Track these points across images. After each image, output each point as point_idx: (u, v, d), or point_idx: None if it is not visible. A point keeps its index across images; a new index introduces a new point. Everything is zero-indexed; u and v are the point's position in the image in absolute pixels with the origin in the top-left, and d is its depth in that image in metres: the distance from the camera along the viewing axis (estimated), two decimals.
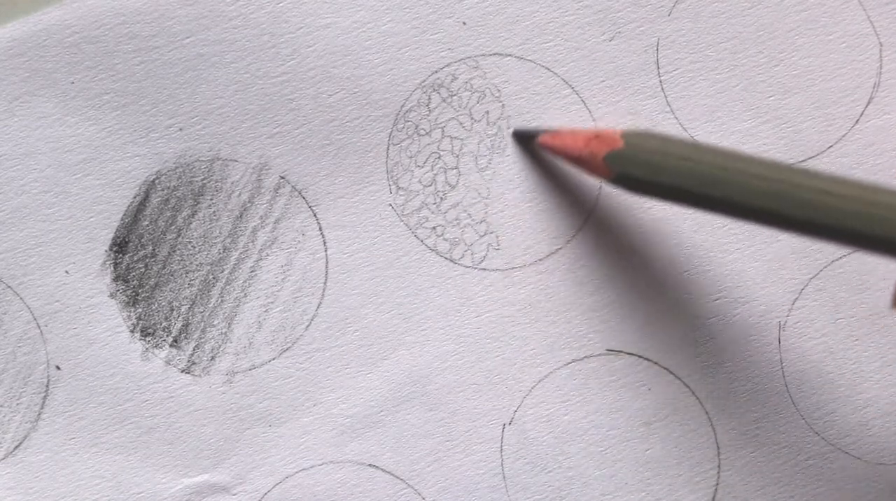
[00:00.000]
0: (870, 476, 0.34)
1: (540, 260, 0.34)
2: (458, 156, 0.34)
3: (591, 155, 0.30)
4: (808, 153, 0.34)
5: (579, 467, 0.34)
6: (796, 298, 0.34)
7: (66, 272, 0.33)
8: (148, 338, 0.33)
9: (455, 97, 0.34)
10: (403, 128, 0.34)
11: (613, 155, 0.29)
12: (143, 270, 0.33)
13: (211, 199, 0.33)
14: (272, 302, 0.34)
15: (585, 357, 0.34)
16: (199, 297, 0.33)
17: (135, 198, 0.33)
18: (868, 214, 0.26)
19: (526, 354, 0.34)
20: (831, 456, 0.34)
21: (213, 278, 0.33)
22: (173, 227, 0.33)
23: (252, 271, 0.34)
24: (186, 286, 0.33)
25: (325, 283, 0.34)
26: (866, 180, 0.27)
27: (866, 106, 0.34)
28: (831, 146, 0.34)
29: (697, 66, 0.34)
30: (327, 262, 0.34)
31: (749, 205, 0.27)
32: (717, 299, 0.34)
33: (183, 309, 0.33)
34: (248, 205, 0.34)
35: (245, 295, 0.34)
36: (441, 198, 0.34)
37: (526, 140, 0.33)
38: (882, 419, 0.34)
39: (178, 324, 0.33)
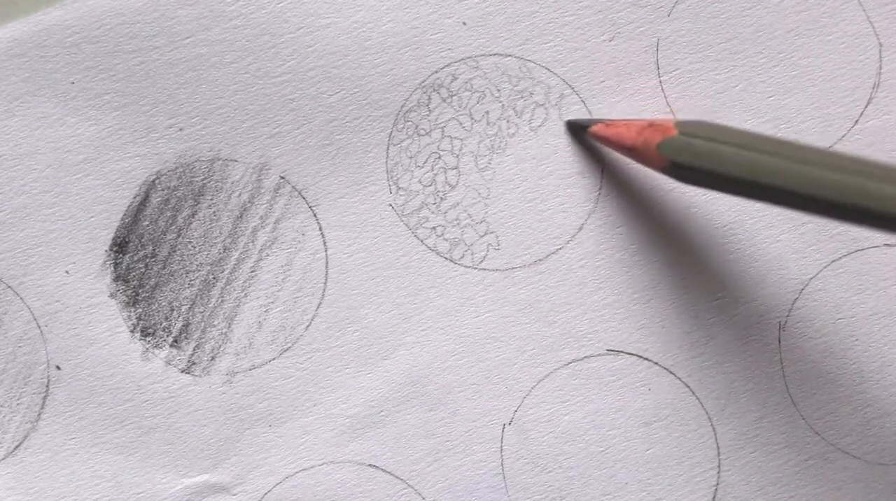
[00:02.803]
0: (870, 476, 0.34)
1: (540, 260, 0.34)
2: (458, 156, 0.34)
3: (644, 143, 0.30)
4: None
5: (579, 467, 0.34)
6: (796, 298, 0.34)
7: (66, 272, 0.33)
8: (148, 338, 0.33)
9: (455, 97, 0.34)
10: (403, 128, 0.34)
11: (667, 143, 0.29)
12: (143, 270, 0.33)
13: (211, 199, 0.33)
14: (272, 302, 0.34)
15: (585, 357, 0.34)
16: (199, 297, 0.33)
17: (135, 198, 0.33)
18: None
19: (526, 354, 0.34)
20: (831, 456, 0.34)
21: (214, 278, 0.33)
22: (173, 227, 0.33)
23: (252, 271, 0.34)
24: (186, 286, 0.33)
25: (325, 283, 0.34)
26: None
27: (866, 106, 0.34)
28: (831, 146, 0.34)
29: (697, 66, 0.34)
30: (327, 262, 0.34)
31: (801, 193, 0.27)
32: (717, 299, 0.34)
33: (183, 309, 0.33)
34: (248, 205, 0.34)
35: (245, 295, 0.34)
36: (441, 198, 0.34)
37: (578, 130, 0.33)
38: (882, 419, 0.34)
39: (179, 324, 0.33)
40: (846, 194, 0.26)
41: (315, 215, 0.34)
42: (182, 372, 0.33)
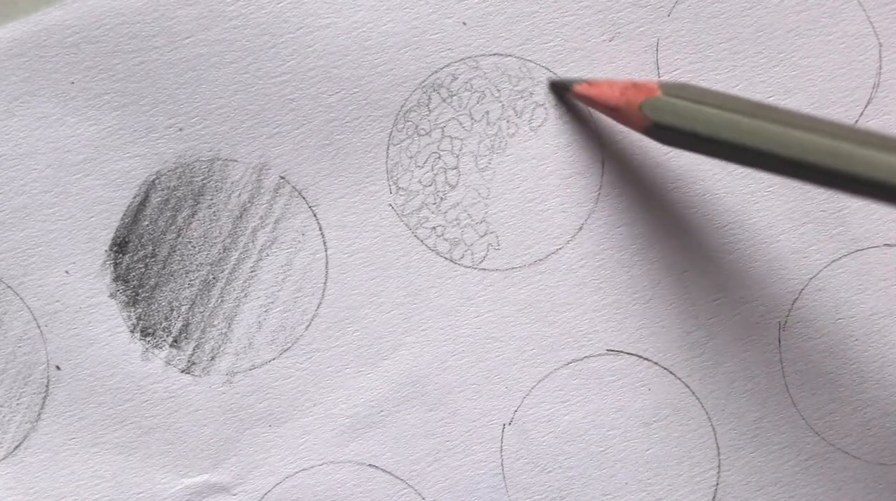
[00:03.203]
0: (870, 476, 0.34)
1: (540, 260, 0.34)
2: (458, 156, 0.34)
3: (627, 103, 0.29)
4: None
5: (579, 467, 0.34)
6: (796, 298, 0.34)
7: (66, 272, 0.33)
8: (148, 338, 0.33)
9: (455, 97, 0.34)
10: (403, 128, 0.34)
11: (650, 103, 0.29)
12: (143, 270, 0.33)
13: (211, 199, 0.33)
14: (272, 302, 0.34)
15: (585, 357, 0.34)
16: (199, 297, 0.33)
17: (135, 198, 0.33)
18: None
19: (526, 354, 0.34)
20: (831, 456, 0.34)
21: (213, 278, 0.33)
22: (173, 227, 0.33)
23: (252, 271, 0.34)
24: (186, 286, 0.33)
25: (325, 283, 0.34)
26: None
27: (866, 106, 0.34)
28: None
29: (697, 66, 0.34)
30: (327, 262, 0.34)
31: (784, 155, 0.26)
32: (717, 299, 0.34)
33: (183, 309, 0.33)
34: (248, 205, 0.34)
35: (245, 296, 0.34)
36: (441, 198, 0.34)
37: (561, 90, 0.33)
38: (882, 419, 0.34)
39: (178, 324, 0.33)
40: (829, 157, 0.26)
41: (315, 215, 0.34)
42: (182, 372, 0.33)
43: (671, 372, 0.34)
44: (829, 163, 0.26)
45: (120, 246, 0.33)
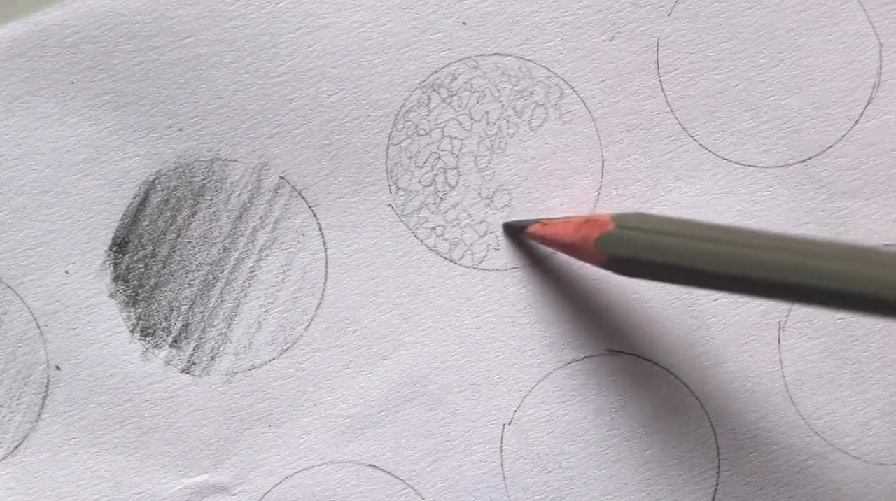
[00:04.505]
0: (870, 476, 0.34)
1: (540, 260, 0.34)
2: (457, 156, 0.34)
3: (582, 239, 0.29)
4: (807, 153, 0.34)
5: (579, 467, 0.34)
6: None
7: (66, 272, 0.33)
8: (148, 338, 0.33)
9: (455, 97, 0.34)
10: (403, 128, 0.34)
11: (604, 238, 0.29)
12: (143, 270, 0.33)
13: (211, 199, 0.33)
14: (272, 303, 0.34)
15: (585, 357, 0.34)
16: (199, 297, 0.33)
17: (135, 198, 0.33)
18: (869, 277, 0.25)
19: (526, 354, 0.34)
20: (831, 456, 0.34)
21: (213, 278, 0.33)
22: (173, 227, 0.33)
23: (252, 271, 0.34)
24: (186, 286, 0.33)
25: (325, 283, 0.34)
26: (857, 244, 0.26)
27: (866, 106, 0.34)
28: (831, 146, 0.34)
29: (697, 66, 0.34)
30: (327, 262, 0.34)
31: (742, 276, 0.26)
32: (717, 299, 0.34)
33: (183, 310, 0.33)
34: (248, 205, 0.34)
35: (245, 296, 0.34)
36: (441, 198, 0.34)
37: (515, 232, 0.33)
38: (882, 419, 0.34)
39: (178, 324, 0.33)
40: (788, 275, 0.26)
41: (315, 215, 0.34)
42: (182, 372, 0.33)
43: (671, 372, 0.34)
44: (787, 280, 0.26)
45: (120, 246, 0.33)
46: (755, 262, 0.26)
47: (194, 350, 0.33)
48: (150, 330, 0.33)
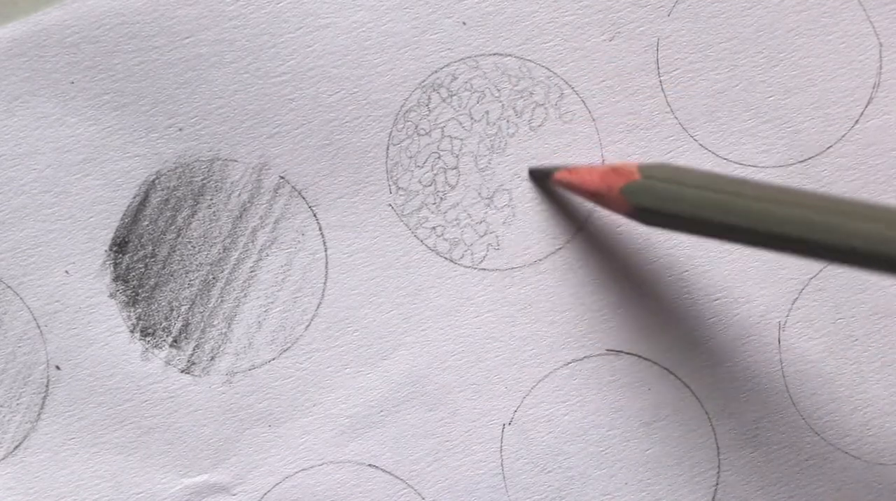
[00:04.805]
0: (870, 476, 0.34)
1: (540, 260, 0.34)
2: (458, 156, 0.34)
3: (608, 188, 0.30)
4: (807, 153, 0.34)
5: (579, 467, 0.34)
6: (796, 298, 0.34)
7: (66, 272, 0.33)
8: (148, 338, 0.33)
9: (455, 97, 0.34)
10: (403, 128, 0.34)
11: (630, 187, 0.29)
12: (142, 270, 0.33)
13: (211, 199, 0.33)
14: (272, 302, 0.34)
15: (585, 357, 0.34)
16: (199, 297, 0.33)
17: (135, 198, 0.33)
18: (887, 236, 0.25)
19: (526, 354, 0.34)
20: (831, 456, 0.34)
21: (213, 278, 0.33)
22: (173, 227, 0.33)
23: (252, 271, 0.34)
24: (186, 286, 0.33)
25: (325, 283, 0.34)
26: (888, 205, 0.26)
27: (866, 106, 0.34)
28: (831, 146, 0.34)
29: (697, 66, 0.34)
30: (327, 262, 0.34)
31: (764, 231, 0.26)
32: (717, 299, 0.34)
33: (183, 309, 0.33)
34: (248, 205, 0.34)
35: (245, 295, 0.34)
36: (441, 198, 0.34)
37: (541, 178, 0.33)
38: (882, 419, 0.34)
39: (178, 324, 0.33)
40: (809, 230, 0.26)
41: (315, 215, 0.34)
42: (182, 372, 0.33)
43: (671, 372, 0.34)
44: (807, 236, 0.26)
45: (120, 246, 0.33)
46: (778, 218, 0.26)
47: (194, 350, 0.33)
48: (150, 330, 0.33)
